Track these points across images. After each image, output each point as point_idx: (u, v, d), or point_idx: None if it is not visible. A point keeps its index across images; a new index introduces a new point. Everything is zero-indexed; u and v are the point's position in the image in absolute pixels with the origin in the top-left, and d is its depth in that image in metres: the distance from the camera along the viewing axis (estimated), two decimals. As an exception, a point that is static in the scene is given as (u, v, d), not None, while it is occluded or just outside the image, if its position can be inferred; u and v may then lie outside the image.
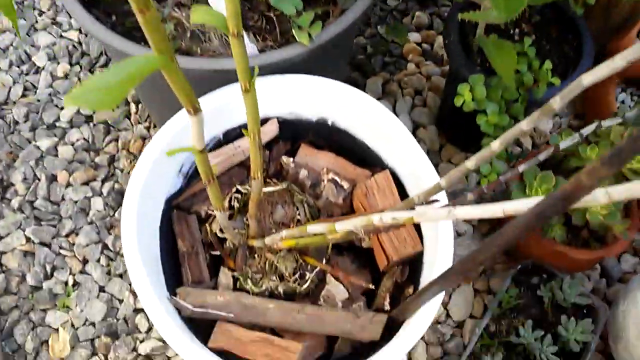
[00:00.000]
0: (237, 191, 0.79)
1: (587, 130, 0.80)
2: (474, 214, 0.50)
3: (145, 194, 0.73)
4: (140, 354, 0.96)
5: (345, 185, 0.81)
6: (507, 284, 0.88)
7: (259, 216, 0.77)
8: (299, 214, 0.78)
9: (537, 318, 0.85)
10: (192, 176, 0.84)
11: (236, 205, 0.78)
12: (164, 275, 0.76)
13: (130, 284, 1.03)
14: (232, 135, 0.85)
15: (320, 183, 0.82)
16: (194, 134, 0.52)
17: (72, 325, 0.99)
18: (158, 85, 0.90)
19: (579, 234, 0.87)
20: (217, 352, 0.68)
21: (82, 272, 1.05)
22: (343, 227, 0.61)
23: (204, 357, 0.64)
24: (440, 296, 0.65)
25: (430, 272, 0.73)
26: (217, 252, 0.78)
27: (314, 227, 0.65)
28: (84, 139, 1.21)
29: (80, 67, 1.32)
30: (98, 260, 1.06)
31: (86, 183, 1.15)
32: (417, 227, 0.78)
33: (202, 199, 0.82)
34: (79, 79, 1.31)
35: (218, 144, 0.84)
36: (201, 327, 0.73)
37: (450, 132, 1.11)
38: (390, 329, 0.71)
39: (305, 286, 0.74)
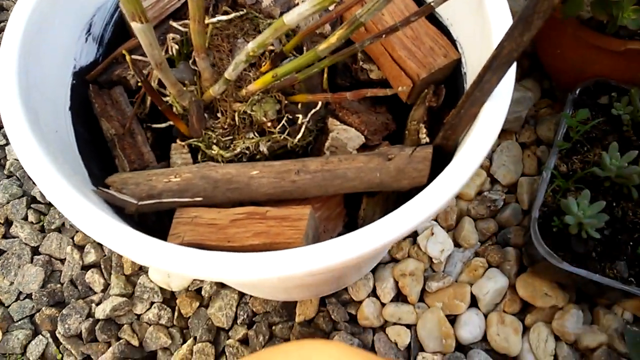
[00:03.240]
0: (176, 33, 0.54)
1: None
2: None
3: (28, 59, 0.47)
4: (98, 319, 0.70)
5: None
6: (568, 109, 0.65)
7: (212, 57, 0.52)
8: (271, 45, 0.52)
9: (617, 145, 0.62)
10: (111, 42, 0.58)
11: (175, 48, 0.53)
12: (90, 174, 0.50)
13: (72, 237, 0.77)
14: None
15: (293, 8, 0.56)
16: None
17: (1, 304, 0.73)
18: None
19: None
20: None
21: (6, 236, 0.78)
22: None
23: (172, 251, 0.38)
24: (512, 73, 0.41)
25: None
26: (161, 125, 0.52)
27: (295, 12, 0.40)
28: None
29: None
30: (25, 218, 0.79)
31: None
32: (445, 31, 0.54)
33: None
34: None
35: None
36: (157, 225, 0.48)
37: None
38: (434, 171, 0.47)
39: (299, 136, 0.49)
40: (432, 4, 0.46)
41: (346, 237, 0.37)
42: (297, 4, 0.56)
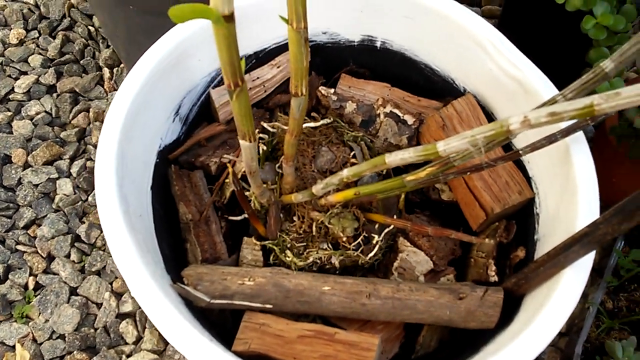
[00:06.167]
0: (262, 131, 0.56)
1: None
2: None
3: (126, 144, 0.49)
4: (128, 374, 0.71)
5: (410, 120, 0.58)
6: (619, 244, 0.66)
7: (296, 160, 0.54)
8: (353, 157, 0.54)
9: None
10: (194, 122, 0.60)
11: (262, 148, 0.54)
12: (162, 255, 0.51)
13: (111, 283, 0.78)
14: (247, 65, 0.62)
15: (375, 119, 0.59)
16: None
17: (34, 340, 0.73)
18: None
19: None
20: (248, 357, 0.44)
21: (47, 271, 0.79)
22: (453, 145, 0.38)
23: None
24: (593, 252, 0.42)
25: (551, 223, 0.50)
26: (237, 217, 0.54)
27: (398, 156, 0.41)
28: (46, 111, 0.96)
29: (39, 32, 1.08)
30: (67, 256, 0.80)
31: (50, 162, 0.90)
32: (521, 167, 0.55)
33: (213, 147, 0.58)
34: (38, 45, 1.06)
35: (226, 76, 0.61)
36: (220, 319, 0.49)
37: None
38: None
39: (371, 254, 0.50)
40: (520, 152, 0.47)
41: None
42: (379, 114, 0.58)
